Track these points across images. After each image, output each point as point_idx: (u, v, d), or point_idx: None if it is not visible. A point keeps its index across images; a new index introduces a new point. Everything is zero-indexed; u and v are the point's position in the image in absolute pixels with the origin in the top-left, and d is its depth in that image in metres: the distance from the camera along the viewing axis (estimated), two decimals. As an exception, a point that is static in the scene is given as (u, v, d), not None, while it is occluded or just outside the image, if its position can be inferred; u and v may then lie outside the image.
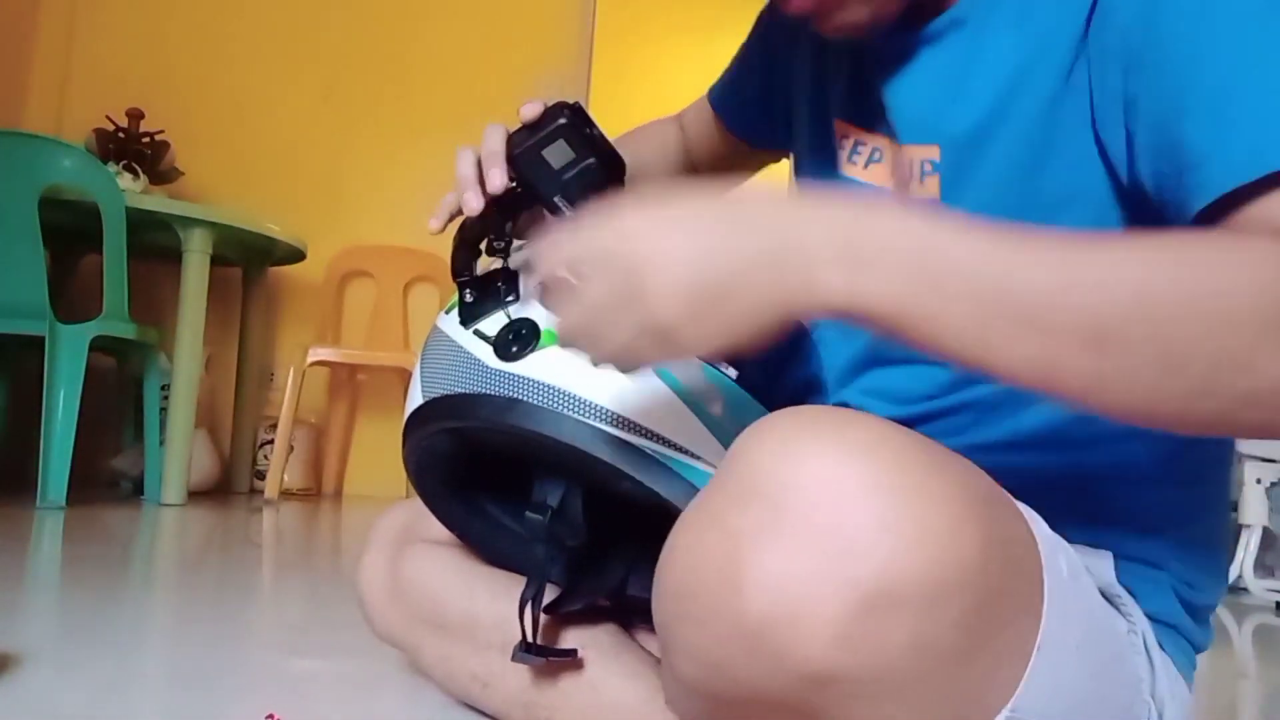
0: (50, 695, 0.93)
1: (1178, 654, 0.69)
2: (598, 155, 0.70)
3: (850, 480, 0.48)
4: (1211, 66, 0.52)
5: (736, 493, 0.50)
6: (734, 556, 0.49)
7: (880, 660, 0.48)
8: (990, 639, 0.52)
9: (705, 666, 0.51)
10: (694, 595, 0.50)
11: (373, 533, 0.93)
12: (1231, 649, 1.81)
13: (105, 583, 1.53)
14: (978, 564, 0.49)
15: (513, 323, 0.71)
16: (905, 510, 0.48)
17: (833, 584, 0.47)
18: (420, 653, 0.89)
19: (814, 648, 0.47)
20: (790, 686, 0.49)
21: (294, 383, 2.97)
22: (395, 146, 3.44)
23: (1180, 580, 0.69)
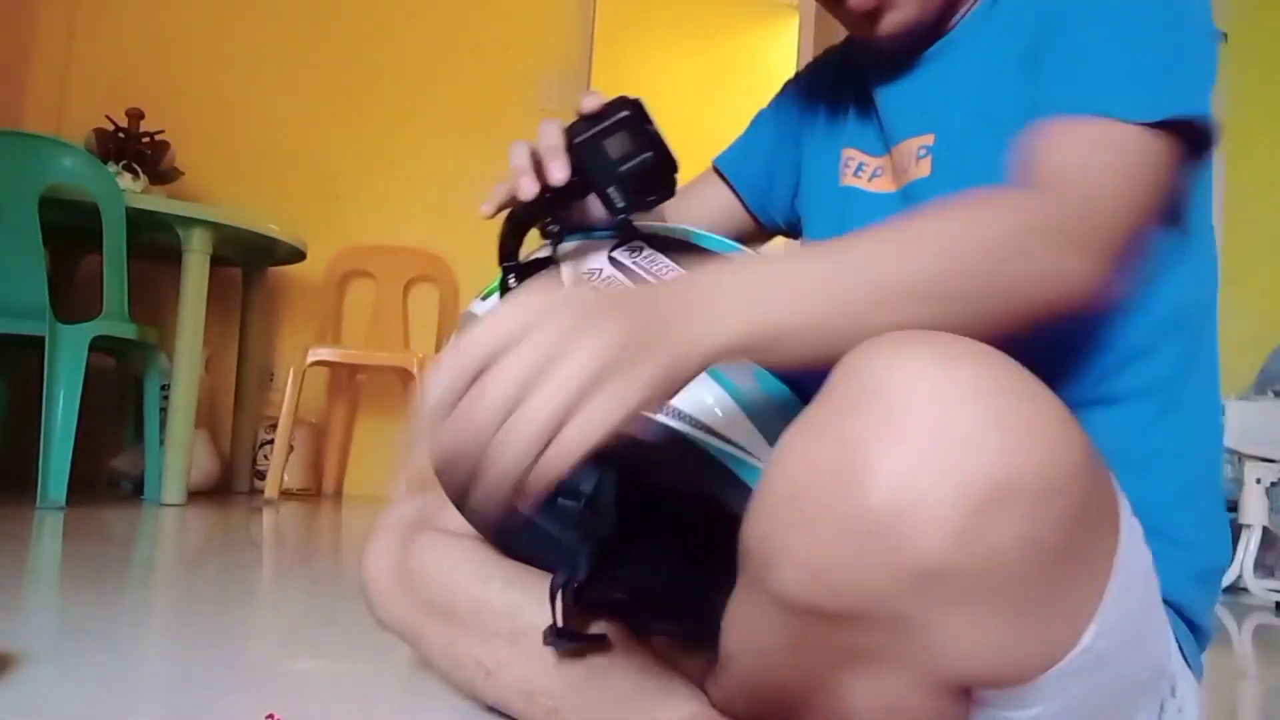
0: (50, 695, 0.93)
1: (1183, 641, 0.70)
2: (655, 151, 0.71)
3: (962, 383, 0.50)
4: (1073, 37, 0.66)
5: (850, 400, 0.52)
6: (851, 459, 0.50)
7: (991, 556, 0.49)
8: (1086, 546, 0.54)
9: (814, 571, 0.52)
10: (809, 498, 0.51)
11: (381, 520, 0.93)
12: (1231, 649, 1.81)
13: (105, 583, 1.53)
14: (1081, 466, 0.51)
15: None
16: (1017, 409, 0.50)
17: (950, 479, 0.49)
18: (423, 639, 0.88)
19: (931, 542, 0.49)
20: (898, 589, 0.50)
21: (294, 383, 2.97)
22: (395, 146, 3.44)
23: (1185, 546, 0.70)
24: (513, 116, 3.43)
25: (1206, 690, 0.74)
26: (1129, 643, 0.59)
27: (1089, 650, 0.55)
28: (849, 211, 0.85)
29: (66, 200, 2.40)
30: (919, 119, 0.78)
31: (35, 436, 2.35)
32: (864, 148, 0.85)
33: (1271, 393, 2.52)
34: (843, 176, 0.86)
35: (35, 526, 2.08)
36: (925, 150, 0.77)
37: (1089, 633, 0.55)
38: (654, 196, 0.71)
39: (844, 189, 0.86)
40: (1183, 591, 0.69)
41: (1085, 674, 0.56)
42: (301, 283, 3.38)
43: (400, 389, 3.37)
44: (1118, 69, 0.64)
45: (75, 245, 2.87)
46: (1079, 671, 0.56)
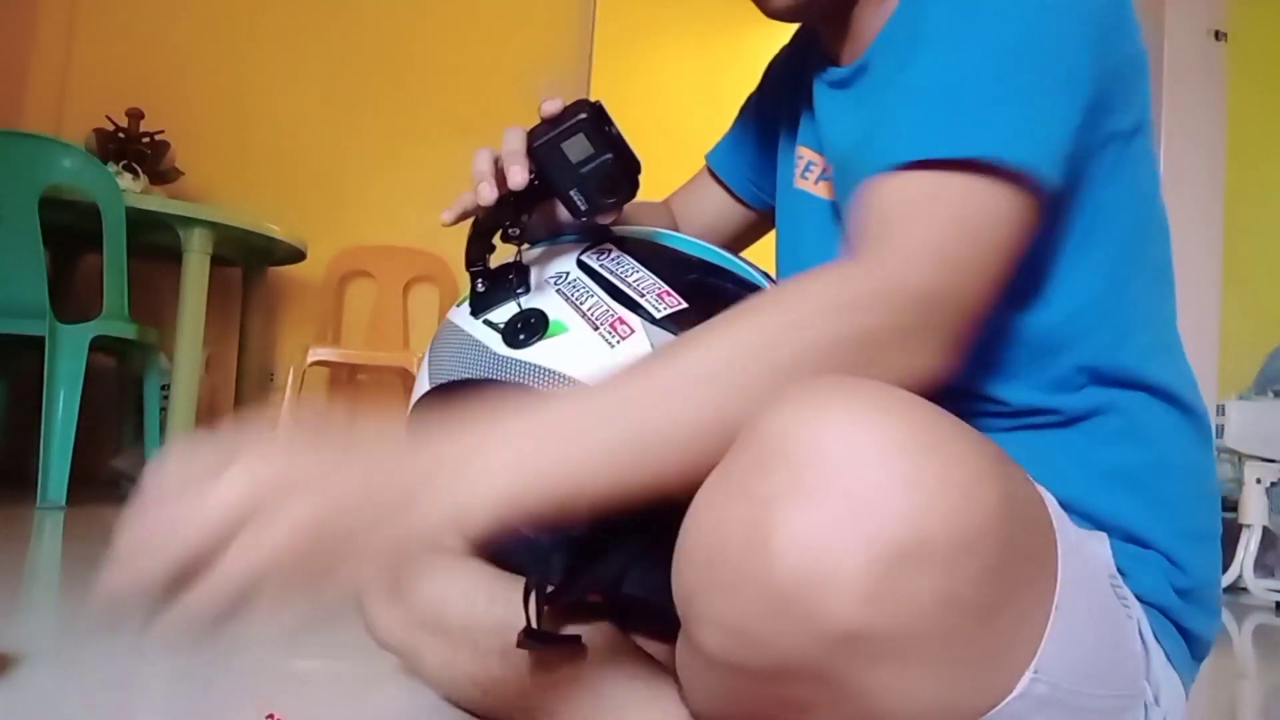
0: (50, 695, 0.93)
1: (1171, 646, 0.69)
2: (615, 153, 0.71)
3: (869, 440, 0.49)
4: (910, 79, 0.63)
5: (758, 459, 0.51)
6: (760, 521, 0.49)
7: (908, 617, 0.48)
8: (1012, 596, 0.53)
9: (732, 634, 0.52)
10: (720, 561, 0.51)
11: None
12: (1231, 649, 1.81)
13: (105, 583, 1.52)
14: (999, 516, 0.50)
15: (523, 312, 0.72)
16: (926, 466, 0.49)
17: (859, 541, 0.48)
18: (420, 659, 0.89)
19: (843, 606, 0.48)
20: (818, 650, 0.50)
21: (294, 383, 2.97)
22: (396, 146, 3.44)
23: (1166, 558, 0.69)
24: (512, 117, 3.39)
25: (1207, 690, 0.73)
26: (1083, 677, 0.58)
27: (1027, 695, 0.55)
28: (799, 215, 0.85)
29: (66, 200, 2.40)
30: (823, 137, 0.79)
31: (35, 436, 2.35)
32: (814, 145, 0.84)
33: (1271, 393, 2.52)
34: (796, 177, 0.86)
35: (35, 526, 2.08)
36: (825, 174, 0.79)
37: (1025, 678, 0.54)
38: (615, 198, 0.72)
39: (796, 191, 0.86)
40: (1164, 595, 0.69)
41: (1028, 715, 0.55)
42: (301, 283, 3.37)
43: (400, 389, 3.36)
44: (935, 105, 0.61)
45: (75, 245, 2.87)
46: (1018, 715, 0.55)
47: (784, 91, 0.92)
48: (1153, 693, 0.65)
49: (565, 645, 0.78)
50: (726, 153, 1.01)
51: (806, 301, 0.56)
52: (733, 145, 1.01)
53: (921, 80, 0.62)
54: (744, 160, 0.99)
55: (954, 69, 0.61)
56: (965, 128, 0.59)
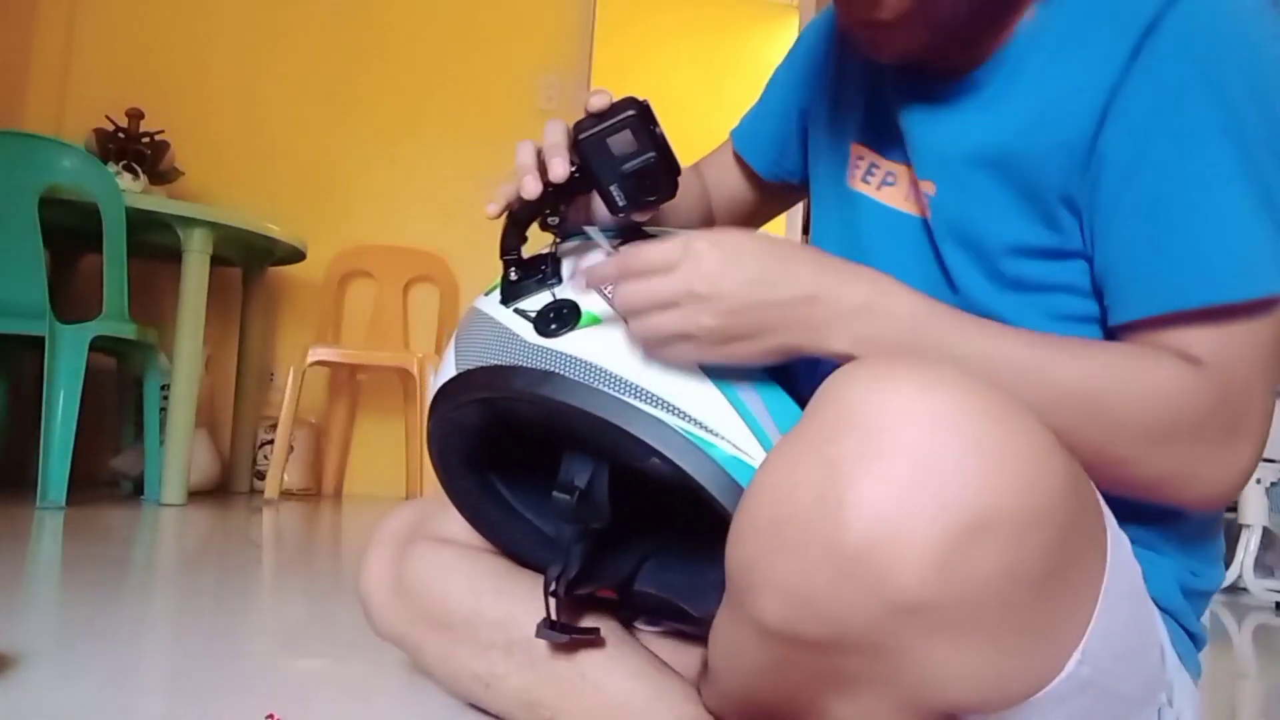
0: (50, 695, 0.93)
1: (1181, 648, 0.69)
2: (659, 152, 0.71)
3: (944, 410, 0.50)
4: (1168, 206, 0.62)
5: (831, 425, 0.52)
6: (831, 484, 0.50)
7: (972, 586, 0.49)
8: (1070, 572, 0.54)
9: (794, 599, 0.52)
10: (788, 522, 0.51)
11: (377, 531, 0.93)
12: (1231, 649, 1.81)
13: (105, 583, 1.53)
14: (1063, 492, 0.51)
15: (555, 302, 0.72)
16: (998, 438, 0.50)
17: (931, 509, 0.48)
18: (422, 651, 0.89)
19: (911, 572, 0.48)
20: (880, 618, 0.50)
21: (294, 383, 2.97)
22: (396, 146, 3.44)
23: (1184, 568, 0.70)
24: (513, 116, 3.43)
25: (1207, 690, 0.74)
26: (1117, 663, 0.58)
27: (1073, 676, 0.55)
28: (857, 219, 0.81)
29: (66, 200, 2.40)
30: (926, 161, 0.74)
31: (35, 436, 2.35)
32: (876, 146, 0.80)
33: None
34: (851, 177, 0.82)
35: (35, 526, 2.08)
36: (928, 197, 0.74)
37: (1073, 659, 0.55)
38: (655, 197, 0.72)
39: (853, 193, 0.82)
40: (1175, 599, 0.69)
41: (1071, 698, 0.56)
42: (301, 283, 3.38)
43: (400, 389, 3.37)
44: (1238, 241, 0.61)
45: (75, 245, 2.87)
46: (1065, 696, 0.55)
47: (820, 76, 0.89)
48: (1166, 694, 0.66)
49: (583, 636, 0.78)
50: (751, 129, 0.99)
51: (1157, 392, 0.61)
52: (757, 122, 0.99)
53: (1210, 208, 0.61)
54: (767, 139, 0.97)
55: (1225, 190, 0.61)
56: (1261, 264, 0.61)
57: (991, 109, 0.70)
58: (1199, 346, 0.61)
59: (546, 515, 0.83)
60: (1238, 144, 0.61)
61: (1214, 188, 0.61)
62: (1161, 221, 0.62)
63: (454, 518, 0.87)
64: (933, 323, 0.63)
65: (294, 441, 3.14)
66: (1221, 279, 0.60)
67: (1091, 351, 0.63)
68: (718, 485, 0.64)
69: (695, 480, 0.65)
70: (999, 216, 0.69)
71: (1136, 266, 0.63)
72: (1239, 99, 0.61)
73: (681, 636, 0.87)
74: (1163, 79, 0.62)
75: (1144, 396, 0.60)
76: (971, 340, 0.63)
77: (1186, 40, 0.61)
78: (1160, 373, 0.61)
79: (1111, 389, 0.61)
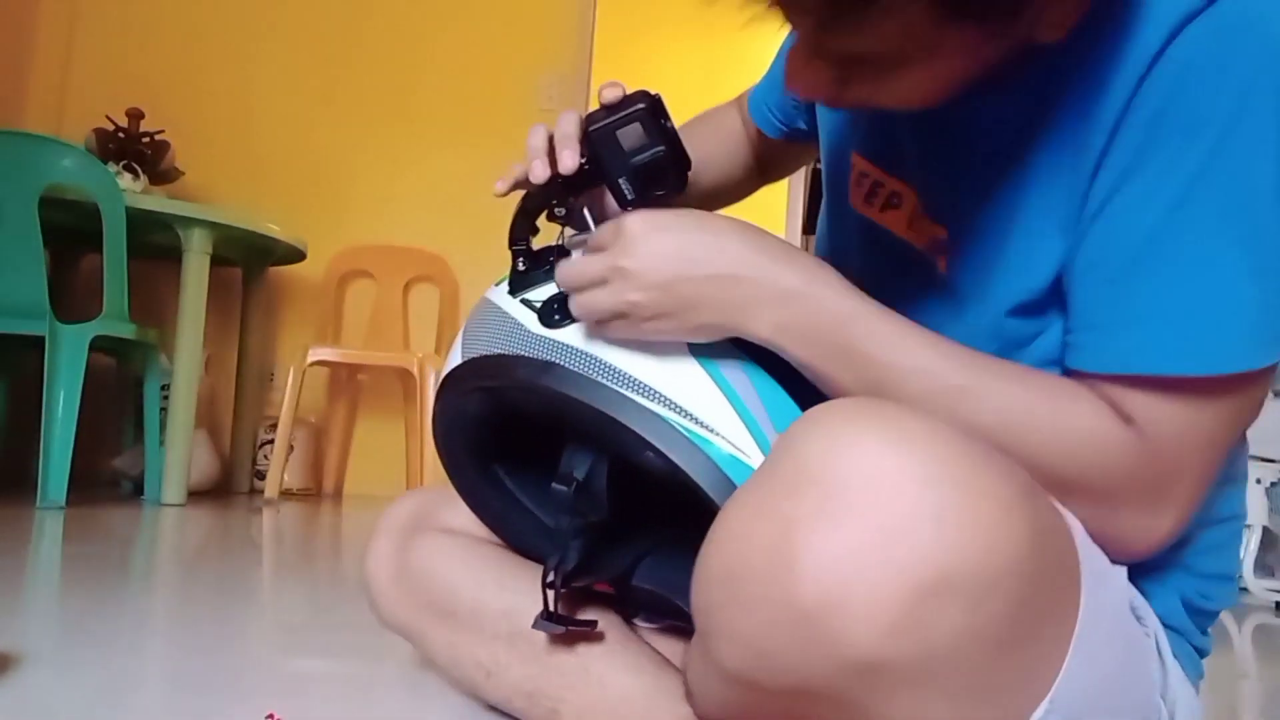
0: (50, 695, 0.93)
1: (1185, 660, 0.69)
2: (669, 146, 0.71)
3: (903, 470, 0.49)
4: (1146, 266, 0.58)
5: (789, 480, 0.51)
6: (786, 541, 0.49)
7: (929, 648, 0.48)
8: (1035, 629, 0.53)
9: (750, 653, 0.52)
10: (743, 579, 0.51)
11: (382, 520, 0.93)
12: (1231, 649, 1.81)
13: (105, 583, 1.53)
14: (1026, 553, 0.50)
15: (560, 293, 0.72)
16: (957, 500, 0.49)
17: (886, 571, 0.47)
18: (425, 640, 0.88)
19: (865, 634, 0.48)
20: (837, 674, 0.49)
21: (294, 383, 2.97)
22: (396, 146, 3.44)
23: (1192, 588, 0.69)
24: (512, 116, 3.43)
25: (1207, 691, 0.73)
26: (1096, 706, 0.57)
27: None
28: (865, 245, 0.78)
29: (66, 200, 2.40)
30: (942, 202, 0.70)
31: (35, 436, 2.35)
32: (875, 159, 0.76)
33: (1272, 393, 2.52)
34: (853, 194, 0.79)
35: (35, 526, 2.08)
36: (939, 244, 0.70)
37: (1040, 709, 0.54)
38: (663, 190, 0.72)
39: (854, 214, 0.79)
40: (1180, 618, 0.69)
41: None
42: (301, 283, 3.37)
43: (400, 389, 3.37)
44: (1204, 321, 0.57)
45: (75, 245, 2.87)
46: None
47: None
48: (1168, 710, 0.65)
49: (580, 628, 0.78)
50: (764, 95, 0.99)
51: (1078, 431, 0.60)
52: (770, 88, 0.98)
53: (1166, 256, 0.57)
54: (775, 103, 0.97)
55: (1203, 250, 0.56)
56: (1225, 342, 0.57)
57: (1009, 154, 0.65)
58: (1136, 410, 0.58)
59: (549, 507, 0.84)
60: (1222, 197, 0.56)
61: (1180, 246, 0.57)
62: (1117, 277, 0.59)
63: (458, 509, 0.87)
64: (862, 324, 0.62)
65: (294, 441, 3.14)
66: (1167, 351, 0.57)
67: (1024, 381, 0.61)
68: (711, 482, 0.65)
69: (689, 476, 0.65)
70: (1013, 275, 0.65)
71: (1090, 309, 0.61)
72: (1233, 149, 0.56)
73: (681, 633, 0.87)
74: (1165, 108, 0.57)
75: (1057, 442, 0.59)
76: (899, 349, 0.61)
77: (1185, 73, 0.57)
78: (1082, 422, 0.59)
79: (1028, 426, 0.59)
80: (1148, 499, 0.60)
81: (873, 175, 0.77)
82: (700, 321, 0.64)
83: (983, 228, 0.67)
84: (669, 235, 0.64)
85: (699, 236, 0.64)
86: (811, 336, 0.63)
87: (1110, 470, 0.59)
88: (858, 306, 0.63)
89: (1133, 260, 0.58)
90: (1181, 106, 0.56)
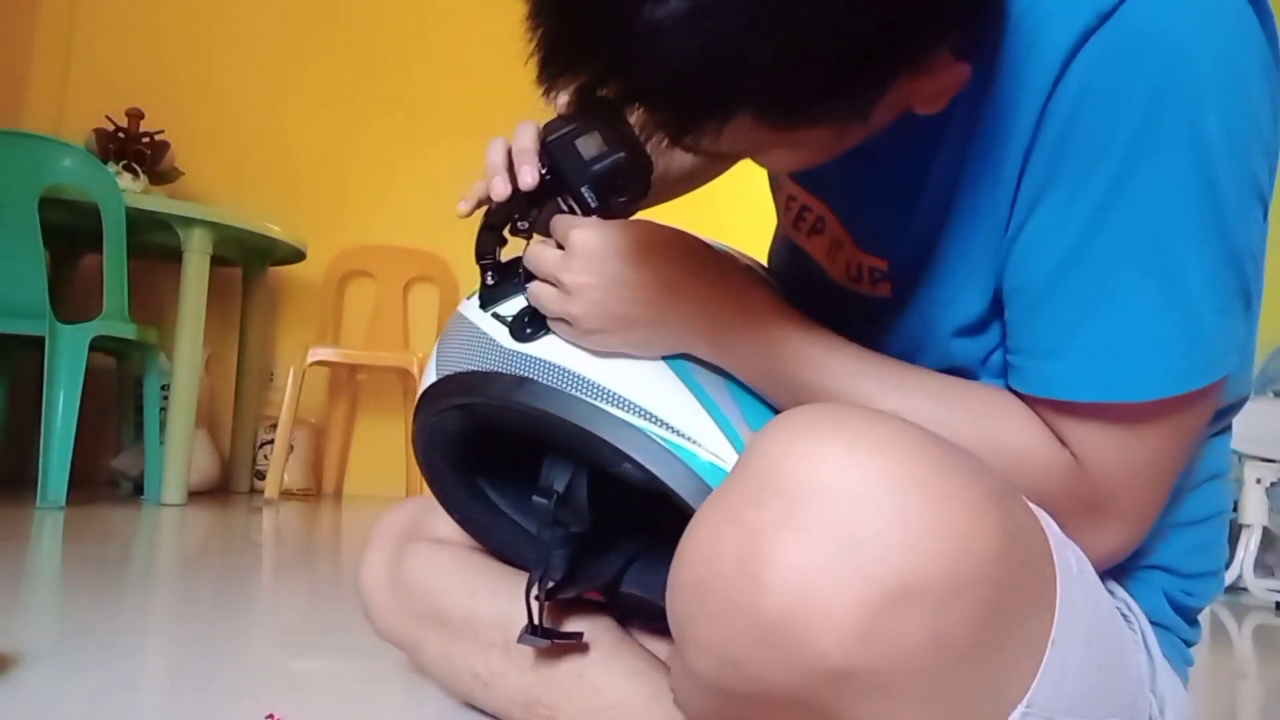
0: (50, 695, 0.93)
1: (1173, 654, 0.69)
2: (629, 151, 0.71)
3: (867, 476, 0.49)
4: (1059, 295, 0.58)
5: (754, 489, 0.51)
6: (752, 551, 0.49)
7: (897, 656, 0.48)
8: (1006, 634, 0.52)
9: (721, 661, 0.52)
10: (711, 589, 0.51)
11: (375, 530, 0.93)
12: (1231, 649, 1.81)
13: (105, 583, 1.53)
14: (995, 559, 0.50)
15: (530, 306, 0.72)
16: (923, 505, 0.49)
17: (851, 579, 0.47)
18: (421, 650, 0.89)
19: (832, 642, 0.47)
20: (806, 682, 0.49)
21: (294, 383, 2.97)
22: (396, 146, 3.44)
23: (1175, 586, 0.69)
24: (513, 117, 3.39)
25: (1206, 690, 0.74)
26: (1076, 707, 0.57)
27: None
28: (799, 268, 0.77)
29: (66, 200, 2.40)
30: (870, 238, 0.70)
31: (35, 436, 2.35)
32: (808, 185, 0.75)
33: (1271, 393, 2.52)
34: (787, 217, 0.79)
35: (35, 526, 2.08)
36: (881, 274, 0.70)
37: (1016, 712, 0.54)
38: (626, 197, 0.71)
39: (793, 244, 0.78)
40: (1166, 615, 0.69)
41: None
42: (301, 283, 3.37)
43: (400, 389, 3.37)
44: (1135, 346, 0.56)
45: (75, 245, 2.87)
46: None
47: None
48: (1158, 704, 0.65)
49: (565, 641, 0.78)
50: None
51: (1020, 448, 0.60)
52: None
53: (1090, 284, 0.57)
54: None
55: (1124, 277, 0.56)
56: (1152, 367, 0.56)
57: (934, 184, 0.64)
58: (1068, 433, 0.59)
59: (531, 516, 0.84)
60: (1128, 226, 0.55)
61: (1090, 276, 0.56)
62: (1034, 305, 0.59)
63: (449, 518, 0.87)
64: (791, 346, 0.64)
65: (294, 441, 3.14)
66: (1096, 379, 0.57)
67: (956, 403, 0.61)
68: (690, 490, 0.64)
69: (668, 486, 0.65)
70: (952, 301, 0.65)
71: (1025, 334, 0.60)
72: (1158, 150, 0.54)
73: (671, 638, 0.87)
74: (1067, 132, 0.56)
75: (991, 461, 0.58)
76: (826, 372, 0.63)
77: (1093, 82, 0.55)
78: (1015, 444, 0.60)
79: (968, 440, 0.59)
80: (1090, 516, 0.60)
81: (801, 199, 0.76)
82: (639, 339, 0.67)
83: (918, 259, 0.66)
84: (606, 262, 0.66)
85: (633, 261, 0.66)
86: (746, 359, 0.66)
87: (1045, 487, 0.59)
88: (787, 329, 0.64)
89: (1046, 289, 0.58)
90: (1081, 132, 0.55)
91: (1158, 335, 0.56)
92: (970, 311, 0.64)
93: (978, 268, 0.63)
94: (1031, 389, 0.60)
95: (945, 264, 0.64)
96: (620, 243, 0.67)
